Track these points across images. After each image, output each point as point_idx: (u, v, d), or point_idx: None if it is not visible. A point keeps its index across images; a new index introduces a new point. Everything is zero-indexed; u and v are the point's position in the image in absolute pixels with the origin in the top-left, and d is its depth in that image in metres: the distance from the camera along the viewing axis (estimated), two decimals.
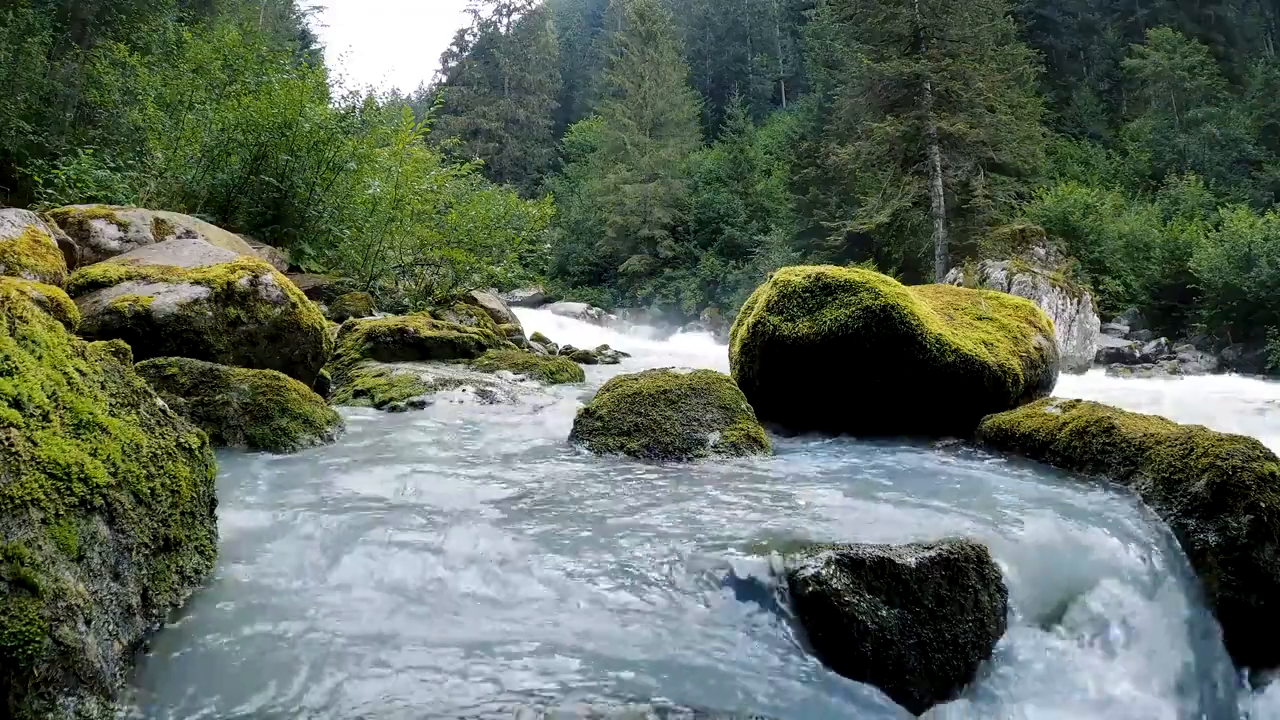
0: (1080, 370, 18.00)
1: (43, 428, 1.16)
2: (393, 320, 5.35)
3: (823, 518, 1.90)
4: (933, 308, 3.28)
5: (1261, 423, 6.97)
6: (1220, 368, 18.94)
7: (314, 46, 40.47)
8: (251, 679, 1.12)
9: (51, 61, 13.66)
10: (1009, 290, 19.36)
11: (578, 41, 62.62)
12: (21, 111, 12.31)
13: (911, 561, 1.54)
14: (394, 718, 1.06)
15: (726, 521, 1.84)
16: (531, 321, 12.05)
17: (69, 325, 2.68)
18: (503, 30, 54.20)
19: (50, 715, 0.97)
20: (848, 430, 3.10)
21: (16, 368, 1.19)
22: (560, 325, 18.41)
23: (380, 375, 4.01)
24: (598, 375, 5.02)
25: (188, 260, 3.69)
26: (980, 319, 3.41)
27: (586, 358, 8.34)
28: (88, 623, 1.06)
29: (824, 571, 1.51)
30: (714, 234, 36.04)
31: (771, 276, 3.27)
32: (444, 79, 54.46)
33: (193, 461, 1.50)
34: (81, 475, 1.17)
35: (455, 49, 56.12)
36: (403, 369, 4.21)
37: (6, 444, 1.07)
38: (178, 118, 9.19)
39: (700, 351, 14.98)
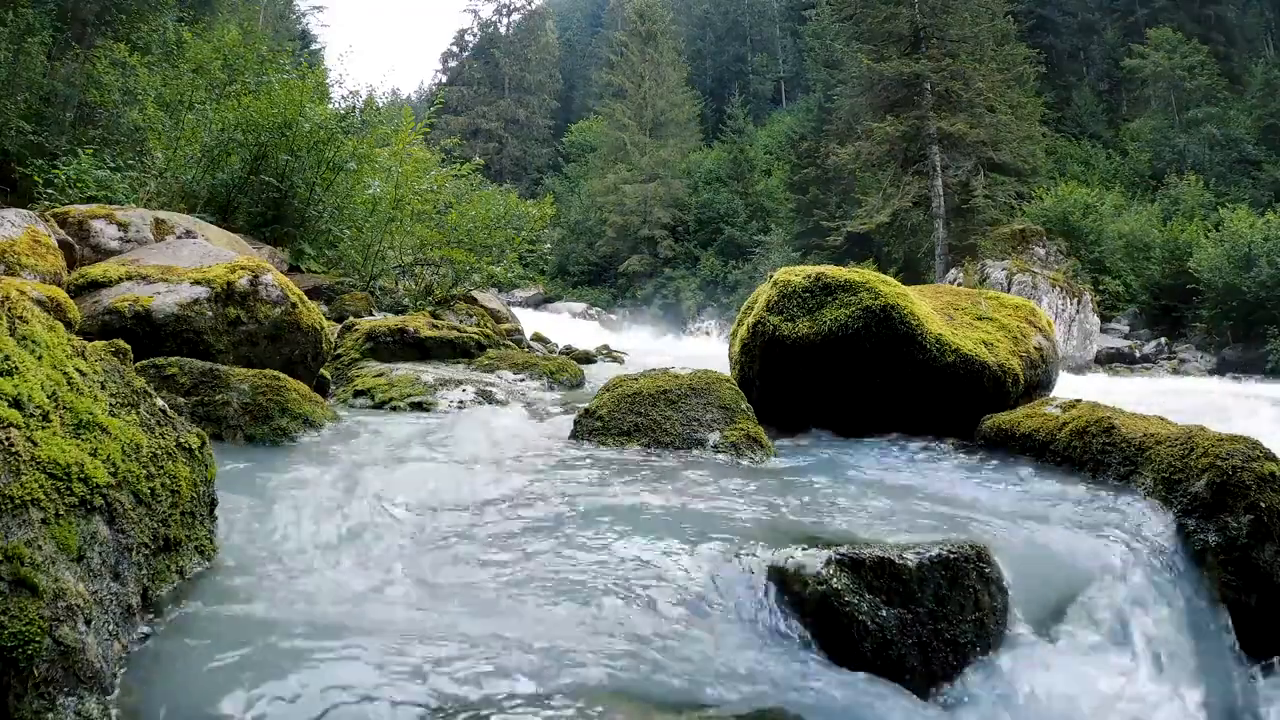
0: (1080, 370, 18.00)
1: (43, 428, 1.16)
2: (393, 320, 5.34)
3: (823, 517, 1.90)
4: (933, 308, 3.28)
5: (1261, 421, 6.96)
6: (1220, 368, 18.94)
7: (314, 46, 40.46)
8: (250, 677, 1.12)
9: (51, 61, 13.66)
10: (1009, 290, 19.36)
11: (578, 41, 62.62)
12: (21, 111, 12.31)
13: (912, 561, 1.54)
14: (383, 711, 1.06)
15: (726, 521, 1.84)
16: (531, 321, 12.04)
17: (69, 325, 2.68)
18: (503, 30, 54.21)
19: (50, 715, 0.97)
20: (848, 430, 3.10)
21: (16, 368, 1.19)
22: (560, 325, 18.42)
23: (380, 375, 4.00)
24: (598, 375, 5.01)
25: (188, 260, 3.69)
26: (980, 319, 3.41)
27: (586, 358, 8.33)
28: (88, 623, 1.06)
29: (824, 571, 1.51)
30: (714, 234, 36.05)
31: (771, 276, 3.27)
32: (444, 79, 54.47)
33: (193, 461, 1.50)
34: (81, 475, 1.17)
35: (455, 49, 56.16)
36: (403, 369, 4.21)
37: (6, 444, 1.07)
38: (178, 118, 9.18)
39: (701, 352, 14.98)
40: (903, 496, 2.15)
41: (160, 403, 1.54)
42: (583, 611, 1.41)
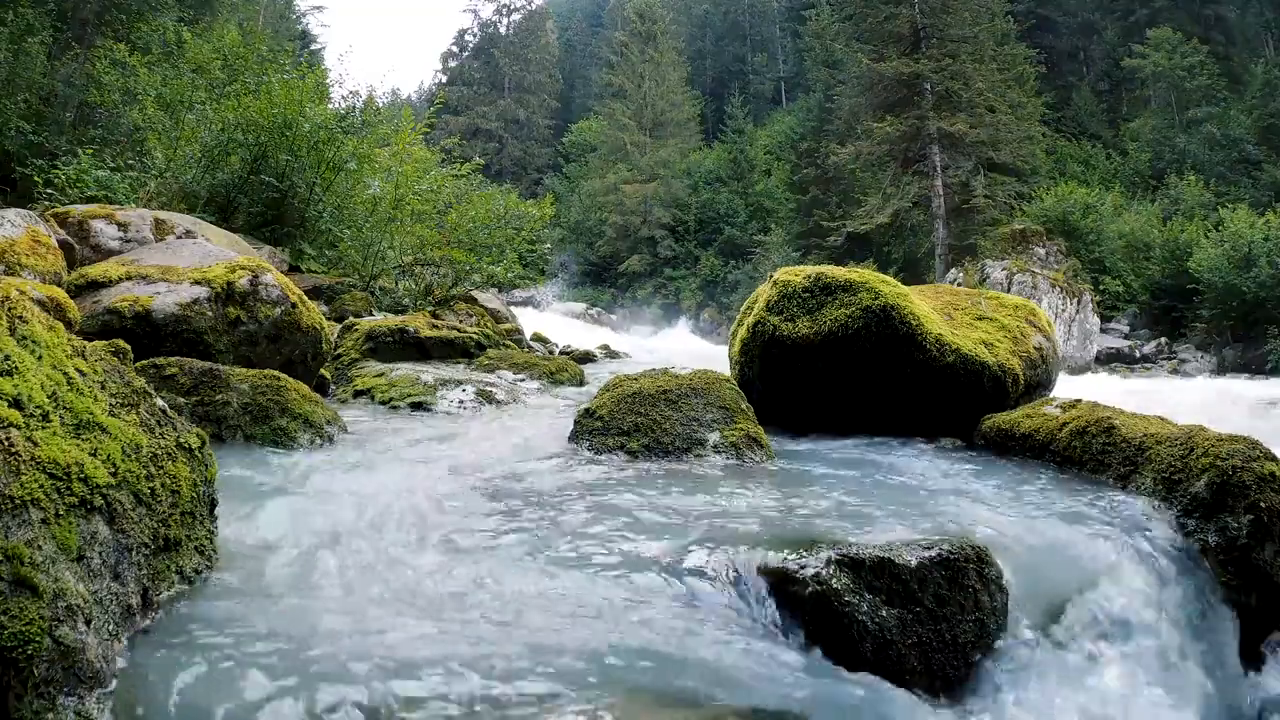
0: (1080, 370, 17.99)
1: (43, 428, 1.16)
2: (393, 320, 5.34)
3: (822, 517, 1.90)
4: (933, 308, 3.28)
5: (1262, 422, 6.97)
6: (1220, 368, 18.94)
7: (314, 46, 40.46)
8: (250, 678, 1.12)
9: (51, 61, 13.66)
10: (1009, 290, 19.37)
11: (578, 41, 62.64)
12: (21, 111, 12.32)
13: (911, 561, 1.54)
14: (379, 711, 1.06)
15: (726, 521, 1.84)
16: (531, 321, 12.04)
17: (69, 325, 2.68)
18: (503, 30, 54.23)
19: (50, 715, 0.97)
20: (848, 431, 3.10)
21: (16, 368, 1.19)
22: (560, 325, 18.42)
23: (380, 375, 4.01)
24: (598, 375, 5.02)
25: (188, 260, 3.69)
26: (980, 319, 3.41)
27: (587, 358, 8.34)
28: (88, 623, 1.06)
29: (824, 571, 1.51)
30: (714, 234, 36.07)
31: (772, 276, 3.27)
32: (444, 79, 54.48)
33: (193, 461, 1.50)
34: (81, 475, 1.17)
35: (455, 49, 56.17)
36: (403, 369, 4.21)
37: (6, 444, 1.07)
38: (178, 118, 9.18)
39: (701, 352, 14.98)
40: (902, 496, 2.15)
41: (160, 403, 1.54)
42: (583, 612, 1.41)
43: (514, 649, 1.26)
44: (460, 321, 6.70)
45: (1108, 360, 20.28)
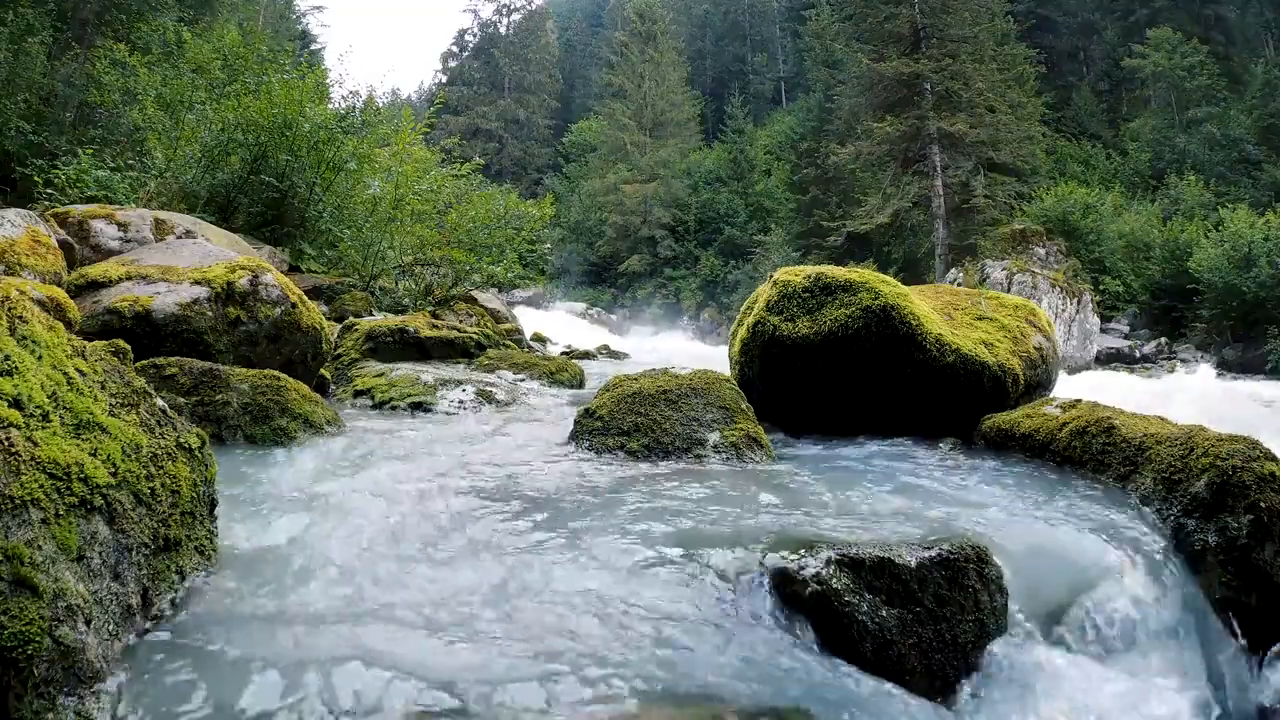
0: (1080, 370, 17.99)
1: (43, 428, 1.16)
2: (393, 320, 5.34)
3: (822, 518, 1.90)
4: (933, 308, 3.28)
5: (1262, 422, 6.96)
6: (1220, 368, 18.94)
7: (314, 46, 40.50)
8: (249, 678, 1.12)
9: (51, 61, 13.67)
10: (1009, 290, 19.38)
11: (578, 41, 62.67)
12: (21, 111, 12.33)
13: (911, 561, 1.54)
14: (381, 713, 1.06)
15: (726, 521, 1.84)
16: (532, 321, 12.04)
17: (69, 325, 2.68)
18: (503, 30, 54.27)
19: (50, 715, 0.97)
20: (848, 431, 3.10)
21: (16, 368, 1.19)
22: (560, 325, 18.42)
23: (380, 375, 4.01)
24: (598, 375, 5.01)
25: (188, 260, 3.68)
26: (980, 319, 3.41)
27: (586, 358, 8.34)
28: (88, 623, 1.06)
29: (824, 571, 1.51)
30: (714, 234, 36.09)
31: (772, 276, 3.27)
32: (444, 79, 54.52)
33: (193, 461, 1.50)
34: (81, 475, 1.17)
35: (455, 49, 56.21)
36: (403, 369, 4.21)
37: (6, 444, 1.07)
38: (178, 118, 9.19)
39: (701, 351, 14.98)
40: (902, 496, 2.15)
41: (160, 403, 1.54)
42: (584, 613, 1.41)
43: (512, 647, 1.26)
44: (460, 321, 6.70)
45: (1108, 360, 20.28)
